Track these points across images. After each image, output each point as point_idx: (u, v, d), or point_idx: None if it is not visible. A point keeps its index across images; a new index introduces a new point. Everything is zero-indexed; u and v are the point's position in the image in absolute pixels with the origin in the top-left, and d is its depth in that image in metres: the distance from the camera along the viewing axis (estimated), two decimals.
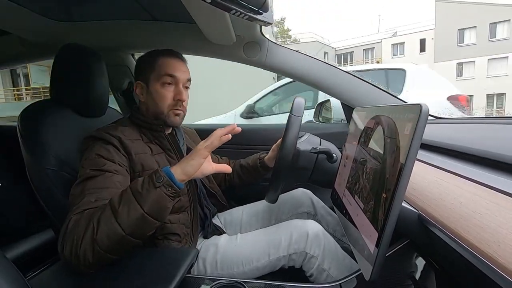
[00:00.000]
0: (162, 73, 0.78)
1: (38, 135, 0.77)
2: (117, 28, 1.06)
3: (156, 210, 0.56)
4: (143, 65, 0.82)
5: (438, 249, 0.43)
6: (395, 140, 0.41)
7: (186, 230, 0.76)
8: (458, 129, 0.78)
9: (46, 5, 0.90)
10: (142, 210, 0.55)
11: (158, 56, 0.80)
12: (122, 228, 0.54)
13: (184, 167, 0.59)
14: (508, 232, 0.30)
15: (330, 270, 0.71)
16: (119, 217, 0.54)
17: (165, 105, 0.79)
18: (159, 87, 0.79)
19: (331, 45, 25.82)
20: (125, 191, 0.58)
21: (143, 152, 0.75)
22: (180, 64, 0.81)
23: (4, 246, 1.06)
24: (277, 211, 0.95)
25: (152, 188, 0.56)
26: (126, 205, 0.55)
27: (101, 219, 0.54)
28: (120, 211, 0.54)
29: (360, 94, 1.02)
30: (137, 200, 0.55)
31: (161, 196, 0.56)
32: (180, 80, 0.80)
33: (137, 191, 0.56)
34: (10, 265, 0.38)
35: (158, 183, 0.56)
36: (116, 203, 0.55)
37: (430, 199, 0.46)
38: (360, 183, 0.54)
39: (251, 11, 0.59)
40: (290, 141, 0.73)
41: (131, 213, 0.54)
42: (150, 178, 0.57)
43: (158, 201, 0.56)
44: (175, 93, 0.80)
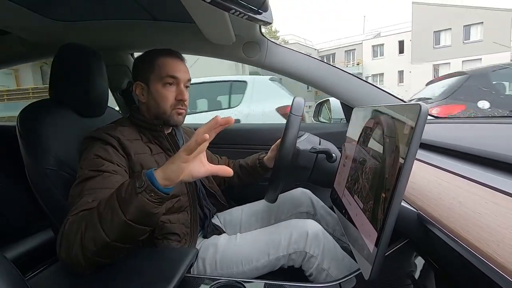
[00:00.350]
0: (164, 75, 0.78)
1: (38, 135, 0.77)
2: (117, 27, 1.06)
3: (140, 217, 0.52)
4: (142, 66, 0.82)
5: (438, 248, 0.43)
6: (394, 140, 0.41)
7: (186, 230, 0.76)
8: (457, 129, 0.78)
9: (45, 5, 0.90)
10: (124, 217, 0.51)
11: (158, 56, 0.80)
12: (106, 234, 0.51)
13: (165, 171, 0.53)
14: (508, 231, 0.30)
15: (330, 270, 0.71)
16: (103, 222, 0.52)
17: (167, 105, 0.80)
18: (160, 87, 0.79)
19: (315, 46, 26.06)
20: (111, 195, 0.54)
21: (142, 152, 0.75)
22: (180, 64, 0.81)
23: (4, 246, 1.06)
24: (276, 211, 0.95)
25: (134, 194, 0.51)
26: (109, 211, 0.52)
27: (88, 224, 0.53)
28: (104, 216, 0.52)
29: (360, 93, 1.02)
30: (120, 207, 0.51)
31: (144, 202, 0.51)
32: (181, 80, 0.80)
33: (121, 196, 0.52)
34: (10, 265, 0.38)
35: (139, 188, 0.51)
36: (102, 207, 0.53)
37: (430, 198, 0.46)
38: (359, 182, 0.54)
39: (251, 11, 0.59)
40: (289, 140, 0.73)
41: (114, 219, 0.51)
42: (132, 183, 0.53)
43: (141, 208, 0.51)
44: (176, 93, 0.80)
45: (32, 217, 1.17)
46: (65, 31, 1.03)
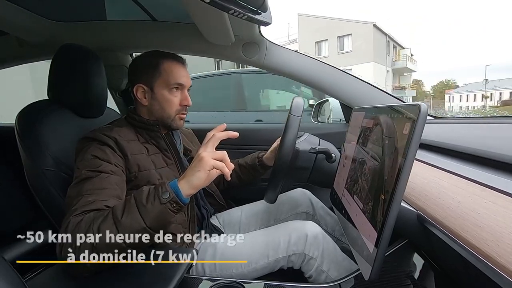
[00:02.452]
0: (172, 81, 0.79)
1: (36, 136, 0.76)
2: (116, 28, 1.06)
3: (158, 224, 0.56)
4: (144, 68, 0.80)
5: (437, 248, 0.43)
6: (393, 141, 0.41)
7: (183, 230, 0.76)
8: (457, 129, 0.78)
9: (44, 5, 0.90)
10: (144, 224, 0.54)
11: (162, 60, 0.79)
12: (123, 239, 0.53)
13: (191, 180, 0.56)
14: (507, 231, 0.30)
15: (329, 272, 0.71)
16: (121, 227, 0.53)
17: (172, 110, 0.81)
18: (166, 93, 0.79)
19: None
20: (128, 200, 0.56)
21: (139, 153, 0.75)
22: (184, 70, 0.82)
23: (2, 247, 1.05)
24: (276, 211, 0.95)
25: (158, 203, 0.54)
26: (129, 217, 0.54)
27: (102, 227, 0.53)
28: (123, 222, 0.54)
29: (359, 94, 1.02)
30: (140, 213, 0.54)
31: (165, 211, 0.55)
32: (186, 86, 0.81)
33: (142, 203, 0.55)
34: (8, 267, 0.38)
35: (164, 199, 0.54)
36: (119, 212, 0.55)
37: (429, 198, 0.46)
38: (358, 184, 0.54)
39: (250, 11, 0.59)
40: (289, 141, 0.72)
41: (134, 225, 0.54)
42: (156, 192, 0.55)
43: (161, 216, 0.55)
44: (181, 98, 0.81)
45: (30, 218, 1.16)
46: (64, 32, 1.03)
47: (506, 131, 0.59)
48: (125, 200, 0.57)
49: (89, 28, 1.04)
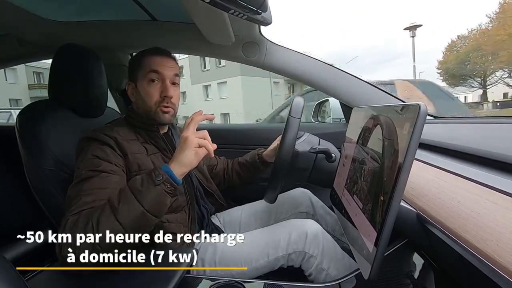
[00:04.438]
0: (147, 70, 0.78)
1: (36, 135, 0.76)
2: (116, 28, 1.06)
3: (156, 207, 0.57)
4: (132, 65, 0.83)
5: (437, 248, 0.43)
6: (393, 142, 0.41)
7: (184, 229, 0.76)
8: (457, 129, 0.78)
9: (44, 5, 0.90)
10: (142, 208, 0.56)
11: (145, 55, 0.81)
12: (123, 226, 0.54)
13: (181, 159, 0.60)
14: (507, 231, 0.30)
15: (329, 270, 0.71)
16: (119, 215, 0.55)
17: (152, 102, 0.79)
18: (145, 84, 0.79)
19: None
20: (123, 189, 0.58)
21: (139, 152, 0.75)
22: (166, 60, 0.81)
23: (3, 246, 1.05)
24: (276, 211, 0.95)
25: (152, 185, 0.57)
26: (126, 204, 0.55)
27: (101, 218, 0.54)
28: (120, 209, 0.55)
29: (359, 94, 1.02)
30: (136, 198, 0.56)
31: (161, 193, 0.57)
32: (167, 76, 0.79)
33: (137, 189, 0.57)
34: (9, 266, 0.38)
35: (158, 180, 0.57)
36: (115, 201, 0.56)
37: (429, 198, 0.46)
38: (358, 184, 0.54)
39: (250, 11, 0.59)
40: (288, 143, 0.72)
41: (131, 211, 0.55)
42: (149, 176, 0.58)
43: (157, 198, 0.57)
44: (161, 89, 0.79)
45: (31, 218, 1.16)
46: (64, 32, 1.03)
47: (506, 131, 0.59)
48: (119, 190, 0.59)
49: (89, 28, 1.04)
